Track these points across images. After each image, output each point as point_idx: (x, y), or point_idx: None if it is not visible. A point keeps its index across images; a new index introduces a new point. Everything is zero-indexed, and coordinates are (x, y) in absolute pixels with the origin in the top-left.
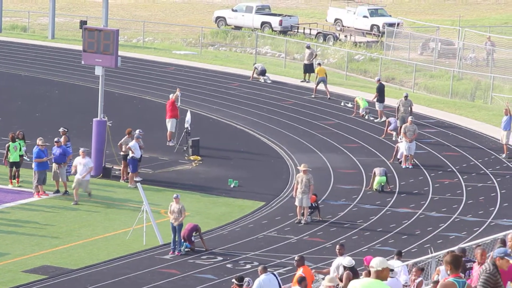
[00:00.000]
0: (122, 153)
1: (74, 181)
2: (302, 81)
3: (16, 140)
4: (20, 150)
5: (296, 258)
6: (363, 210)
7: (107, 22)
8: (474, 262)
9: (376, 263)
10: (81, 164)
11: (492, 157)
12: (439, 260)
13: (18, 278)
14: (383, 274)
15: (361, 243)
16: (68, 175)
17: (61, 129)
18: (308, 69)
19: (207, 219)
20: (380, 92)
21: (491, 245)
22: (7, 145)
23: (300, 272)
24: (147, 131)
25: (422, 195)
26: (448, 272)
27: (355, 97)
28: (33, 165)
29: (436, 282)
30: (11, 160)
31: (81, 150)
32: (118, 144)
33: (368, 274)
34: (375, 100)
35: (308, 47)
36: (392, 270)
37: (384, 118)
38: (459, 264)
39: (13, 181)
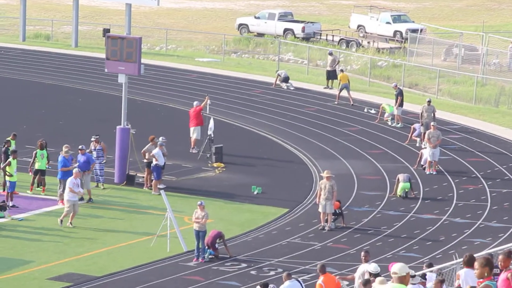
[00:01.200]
0: (145, 160)
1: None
2: (325, 88)
3: (44, 148)
4: (46, 158)
5: (317, 266)
6: (387, 216)
7: (130, 30)
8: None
9: (398, 268)
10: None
11: None
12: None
13: (43, 286)
14: (405, 280)
15: (385, 250)
16: (102, 182)
17: (93, 138)
18: (331, 75)
19: (231, 225)
20: (401, 97)
21: None
22: (34, 152)
23: (320, 281)
24: (170, 139)
25: (447, 201)
26: (486, 274)
27: (381, 103)
28: (58, 174)
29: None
30: (36, 168)
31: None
32: (142, 151)
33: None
34: (398, 106)
35: (331, 54)
36: (413, 276)
37: (399, 124)
38: (491, 264)
39: (37, 188)
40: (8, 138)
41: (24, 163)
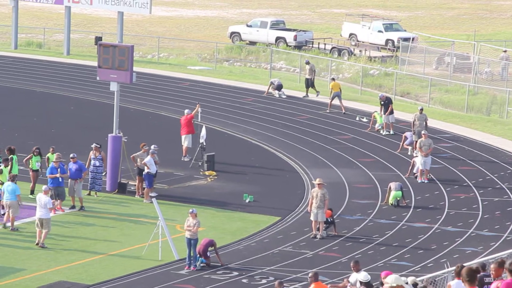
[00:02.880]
0: (135, 166)
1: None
2: (304, 96)
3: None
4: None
5: (309, 275)
6: (378, 224)
7: (122, 38)
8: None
9: (391, 279)
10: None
11: (508, 171)
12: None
13: None
14: None
15: (377, 258)
16: (98, 190)
17: (93, 145)
18: (310, 84)
19: (223, 234)
20: (391, 104)
21: (508, 259)
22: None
23: None
24: (162, 147)
25: (438, 209)
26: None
27: (373, 112)
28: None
29: None
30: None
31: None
32: (131, 156)
33: None
34: (389, 114)
35: (307, 63)
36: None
37: (390, 131)
38: (473, 277)
39: (31, 196)
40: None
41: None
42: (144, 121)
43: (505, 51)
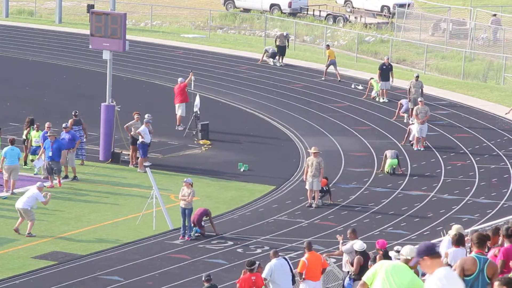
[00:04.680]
0: (130, 136)
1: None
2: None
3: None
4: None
5: (304, 243)
6: (374, 193)
7: (114, 6)
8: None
9: (406, 251)
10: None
11: (505, 138)
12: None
13: (28, 264)
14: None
15: (373, 227)
16: (83, 158)
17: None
18: (281, 51)
19: (217, 203)
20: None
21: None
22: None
23: (304, 258)
24: (156, 116)
25: (434, 177)
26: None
27: (370, 79)
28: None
29: (448, 264)
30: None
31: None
32: (125, 126)
33: (382, 258)
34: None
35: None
36: (398, 251)
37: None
38: (483, 241)
39: (24, 166)
40: None
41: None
42: (137, 90)
43: (494, 15)
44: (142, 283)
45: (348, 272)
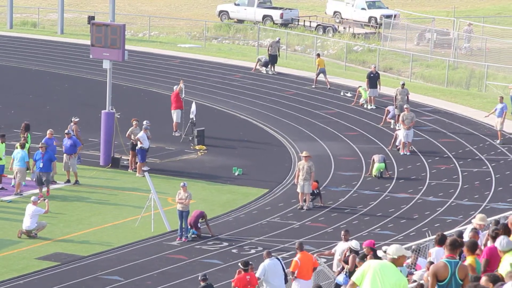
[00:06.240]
0: (133, 142)
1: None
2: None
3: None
4: None
5: (296, 244)
6: (363, 195)
7: (114, 17)
8: None
9: (393, 250)
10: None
11: (486, 143)
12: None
13: (31, 265)
14: (398, 262)
15: (361, 228)
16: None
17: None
18: (272, 60)
19: (213, 206)
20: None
21: (487, 228)
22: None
23: (296, 258)
24: (154, 122)
25: (420, 180)
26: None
27: (358, 87)
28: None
29: (431, 262)
30: None
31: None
32: (126, 134)
33: (371, 258)
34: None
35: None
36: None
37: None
38: (454, 246)
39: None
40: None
41: (13, 146)
42: (136, 98)
43: (469, 25)
44: (141, 282)
45: (344, 268)
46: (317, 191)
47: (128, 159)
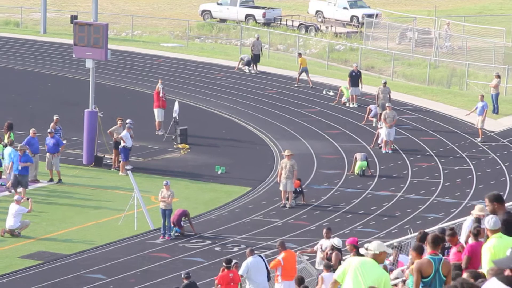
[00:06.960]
0: (114, 140)
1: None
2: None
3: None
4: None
5: (277, 243)
6: (345, 193)
7: (96, 17)
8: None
9: (374, 247)
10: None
11: (467, 141)
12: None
13: (15, 264)
14: (380, 258)
15: (344, 225)
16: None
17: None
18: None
19: (196, 204)
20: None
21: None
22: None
23: (279, 257)
24: (137, 121)
25: (402, 178)
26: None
27: (340, 86)
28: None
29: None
30: None
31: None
32: (108, 131)
33: (354, 255)
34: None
35: (258, 38)
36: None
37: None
38: (437, 242)
39: None
40: None
41: None
42: (119, 97)
43: (448, 24)
44: (124, 280)
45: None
46: (300, 189)
47: (111, 158)
